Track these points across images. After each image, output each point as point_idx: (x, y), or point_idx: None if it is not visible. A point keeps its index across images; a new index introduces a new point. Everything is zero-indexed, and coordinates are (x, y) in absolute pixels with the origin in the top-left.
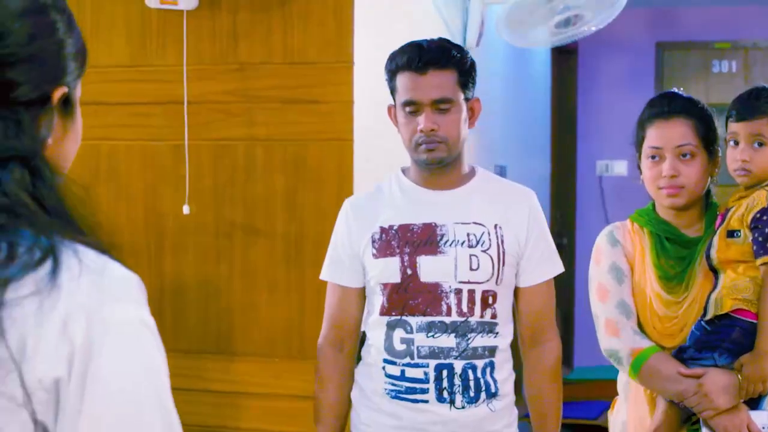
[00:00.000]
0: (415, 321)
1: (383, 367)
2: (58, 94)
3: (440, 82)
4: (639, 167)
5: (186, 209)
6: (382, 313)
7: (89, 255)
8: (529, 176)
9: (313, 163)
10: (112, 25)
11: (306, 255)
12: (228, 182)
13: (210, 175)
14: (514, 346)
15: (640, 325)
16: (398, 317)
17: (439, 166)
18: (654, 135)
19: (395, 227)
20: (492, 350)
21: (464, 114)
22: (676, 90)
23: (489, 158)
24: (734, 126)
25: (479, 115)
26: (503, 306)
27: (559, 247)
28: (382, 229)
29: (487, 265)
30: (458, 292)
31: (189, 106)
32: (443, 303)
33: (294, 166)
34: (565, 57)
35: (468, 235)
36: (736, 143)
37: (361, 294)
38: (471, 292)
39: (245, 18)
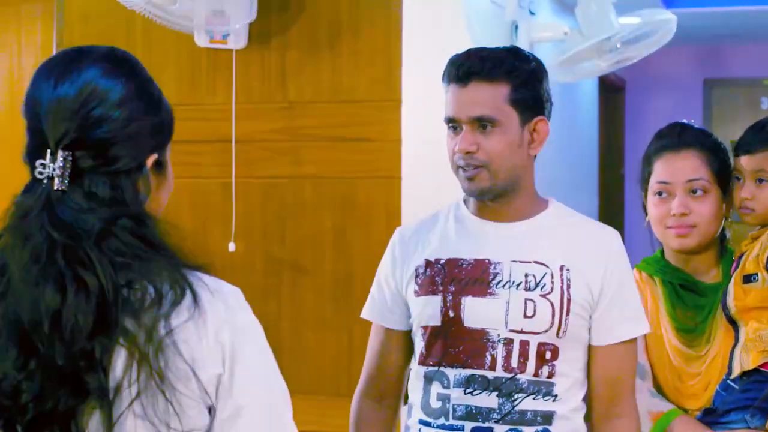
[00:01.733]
0: (453, 374)
1: (419, 430)
2: (150, 161)
3: (482, 97)
4: (644, 208)
5: (232, 246)
6: (420, 362)
7: (206, 278)
8: None
9: (362, 200)
10: (162, 64)
11: (354, 293)
12: (276, 220)
13: (258, 212)
14: None
15: (657, 386)
16: (436, 368)
17: (485, 198)
18: (662, 169)
19: (442, 261)
20: (547, 417)
21: (516, 137)
22: (686, 121)
23: None
24: (738, 160)
25: (545, 139)
26: (568, 364)
27: None
28: (428, 263)
29: (545, 313)
30: (508, 342)
31: (237, 144)
32: (487, 354)
33: (342, 204)
34: (612, 94)
35: (526, 275)
36: (739, 179)
37: (407, 338)
38: (524, 344)
39: (294, 57)
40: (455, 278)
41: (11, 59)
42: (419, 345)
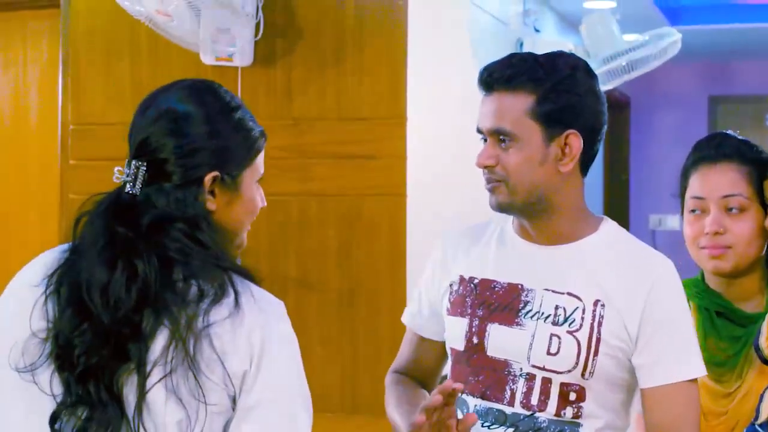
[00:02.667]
0: (472, 403)
1: None
2: (208, 178)
3: (501, 108)
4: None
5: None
6: None
7: (253, 287)
8: None
9: (367, 217)
10: (167, 81)
11: (359, 309)
12: (281, 236)
13: (264, 229)
14: None
15: None
16: (459, 394)
17: (509, 214)
18: (697, 183)
19: (476, 281)
20: None
21: (537, 153)
22: (729, 131)
23: None
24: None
25: (578, 154)
26: (599, 407)
27: None
28: (462, 280)
29: (569, 351)
30: (530, 378)
31: None
32: (507, 388)
33: (347, 221)
34: (617, 111)
35: (556, 308)
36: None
37: (443, 348)
38: (545, 381)
39: (300, 74)
40: (485, 302)
41: (17, 74)
42: (448, 365)
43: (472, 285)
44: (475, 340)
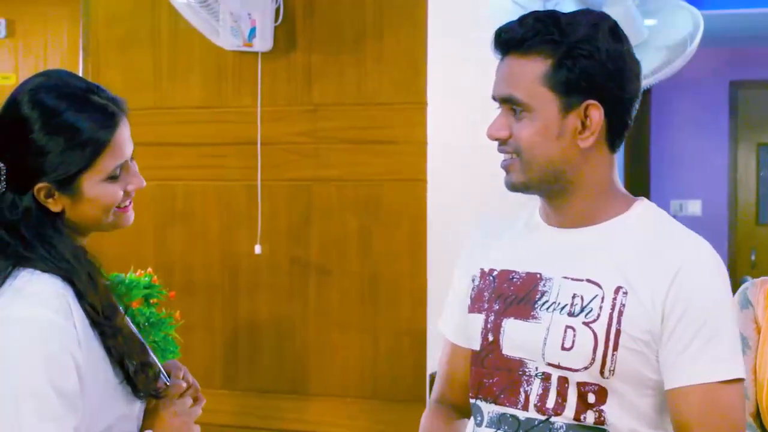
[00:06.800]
0: (487, 410)
1: None
2: (37, 189)
3: (512, 72)
4: None
5: (258, 249)
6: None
7: (35, 278)
8: None
9: (387, 203)
10: (188, 67)
11: (379, 295)
12: (302, 222)
13: (284, 215)
14: None
15: (759, 415)
16: (474, 400)
17: (526, 193)
18: None
19: (495, 272)
20: None
21: (553, 125)
22: None
23: None
24: None
25: (599, 128)
26: (626, 411)
27: None
28: (482, 273)
29: (585, 345)
30: (546, 377)
31: (263, 146)
32: (521, 390)
33: (367, 207)
34: None
35: (573, 297)
36: None
37: None
38: (562, 381)
39: (319, 60)
40: (502, 294)
41: (37, 61)
42: None
43: (491, 278)
44: (490, 337)
